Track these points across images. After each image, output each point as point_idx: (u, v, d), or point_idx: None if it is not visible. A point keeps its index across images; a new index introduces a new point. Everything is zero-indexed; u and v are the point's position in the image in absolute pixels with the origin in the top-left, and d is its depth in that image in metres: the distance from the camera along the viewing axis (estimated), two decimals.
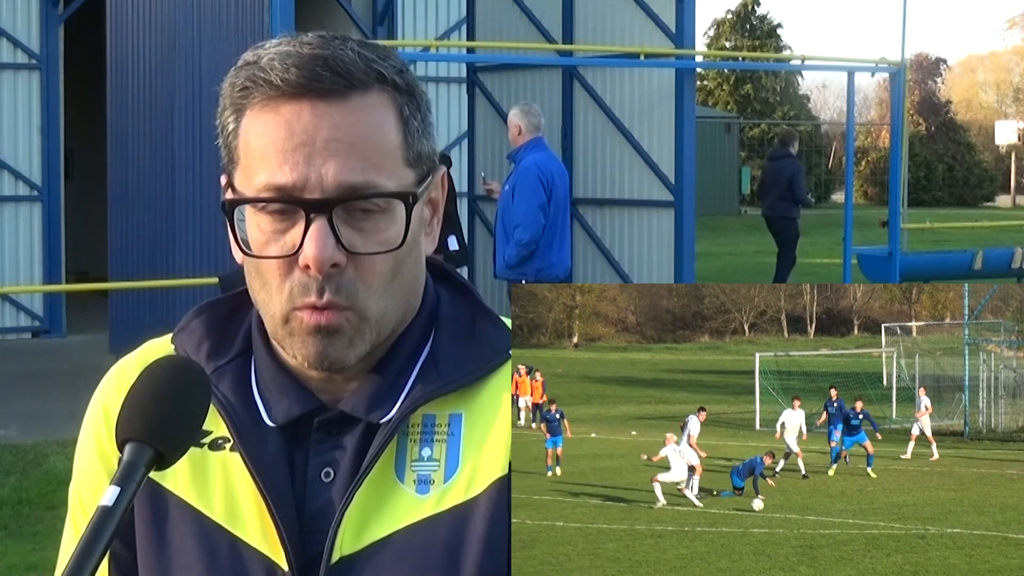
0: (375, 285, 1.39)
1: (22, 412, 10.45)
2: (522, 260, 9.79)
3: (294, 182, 1.35)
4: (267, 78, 1.36)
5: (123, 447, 1.27)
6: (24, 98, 14.41)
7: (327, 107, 1.36)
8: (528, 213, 9.72)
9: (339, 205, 1.35)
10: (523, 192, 9.77)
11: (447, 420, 1.43)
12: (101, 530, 1.21)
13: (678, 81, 12.16)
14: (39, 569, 6.75)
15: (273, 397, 1.46)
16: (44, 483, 8.35)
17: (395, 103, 1.39)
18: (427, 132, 1.43)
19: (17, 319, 14.49)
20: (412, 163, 1.41)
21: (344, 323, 1.38)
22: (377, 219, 1.37)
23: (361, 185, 1.36)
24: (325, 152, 1.35)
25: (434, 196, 1.47)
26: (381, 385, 1.44)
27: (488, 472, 1.41)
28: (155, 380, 1.30)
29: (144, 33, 12.81)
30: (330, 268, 1.36)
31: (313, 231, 1.35)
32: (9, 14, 14.36)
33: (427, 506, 1.41)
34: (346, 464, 1.42)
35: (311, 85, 1.35)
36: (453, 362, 1.44)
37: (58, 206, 14.54)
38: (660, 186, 12.51)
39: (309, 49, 1.36)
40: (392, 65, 1.40)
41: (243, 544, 1.43)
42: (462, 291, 1.52)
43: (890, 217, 12.80)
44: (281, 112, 1.36)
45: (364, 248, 1.37)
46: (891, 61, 12.99)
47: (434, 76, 15.49)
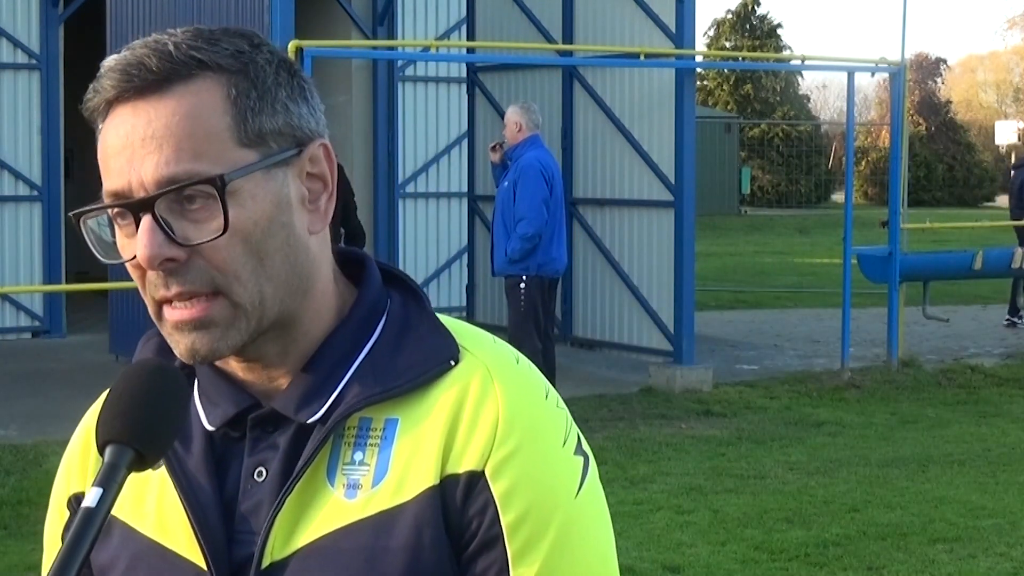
0: (233, 271, 1.36)
1: (22, 412, 10.45)
2: (525, 254, 9.87)
3: (121, 187, 1.36)
4: (98, 87, 1.39)
5: (103, 449, 1.28)
6: (24, 98, 14.41)
7: (146, 104, 1.36)
8: (531, 207, 9.81)
9: (158, 200, 1.34)
10: (526, 187, 9.84)
11: (383, 424, 1.41)
12: (85, 532, 1.22)
13: (678, 81, 12.16)
14: (39, 569, 6.74)
15: (211, 401, 1.46)
16: (44, 483, 8.33)
17: (221, 85, 1.38)
18: (271, 109, 1.39)
19: (17, 319, 14.49)
20: (250, 143, 1.37)
21: (214, 313, 1.37)
22: (208, 206, 1.35)
23: (181, 175, 1.34)
24: (143, 151, 1.35)
25: (314, 171, 1.43)
26: (312, 383, 1.42)
27: (418, 480, 1.38)
28: (133, 383, 1.32)
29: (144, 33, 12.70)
30: (167, 263, 1.35)
31: (140, 231, 1.35)
32: (9, 14, 14.35)
33: (353, 511, 1.38)
34: (277, 464, 1.41)
35: (126, 86, 1.36)
36: (394, 367, 1.42)
37: (58, 206, 14.54)
38: (660, 186, 12.51)
39: (132, 52, 1.38)
40: (224, 48, 1.39)
41: (172, 554, 1.44)
42: (413, 296, 1.50)
43: (890, 217, 12.79)
44: (111, 119, 1.38)
45: (198, 238, 1.35)
46: (891, 61, 12.98)
47: (434, 76, 15.49)
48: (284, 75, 1.42)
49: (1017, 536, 7.49)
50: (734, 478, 8.71)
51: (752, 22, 53.22)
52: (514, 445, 1.38)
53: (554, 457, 1.40)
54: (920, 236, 23.65)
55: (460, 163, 15.28)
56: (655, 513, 7.81)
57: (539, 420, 1.41)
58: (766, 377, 12.49)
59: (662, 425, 10.33)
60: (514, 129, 10.10)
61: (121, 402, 1.30)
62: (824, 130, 54.86)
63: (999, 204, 54.14)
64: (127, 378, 1.32)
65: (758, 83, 51.67)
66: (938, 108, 53.88)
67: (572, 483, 1.41)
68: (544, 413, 1.42)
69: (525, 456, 1.38)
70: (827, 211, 43.74)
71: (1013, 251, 13.87)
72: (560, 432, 1.42)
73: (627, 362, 12.76)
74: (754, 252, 29.32)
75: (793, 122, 50.09)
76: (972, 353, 14.05)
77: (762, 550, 7.18)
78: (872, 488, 8.48)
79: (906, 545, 7.30)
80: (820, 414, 10.88)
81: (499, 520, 1.37)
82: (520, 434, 1.39)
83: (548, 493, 1.39)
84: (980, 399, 11.65)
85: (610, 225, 13.25)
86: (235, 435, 1.45)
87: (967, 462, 9.23)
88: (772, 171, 48.65)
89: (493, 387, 1.41)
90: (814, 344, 14.81)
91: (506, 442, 1.38)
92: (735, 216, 40.87)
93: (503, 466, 1.38)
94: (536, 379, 1.46)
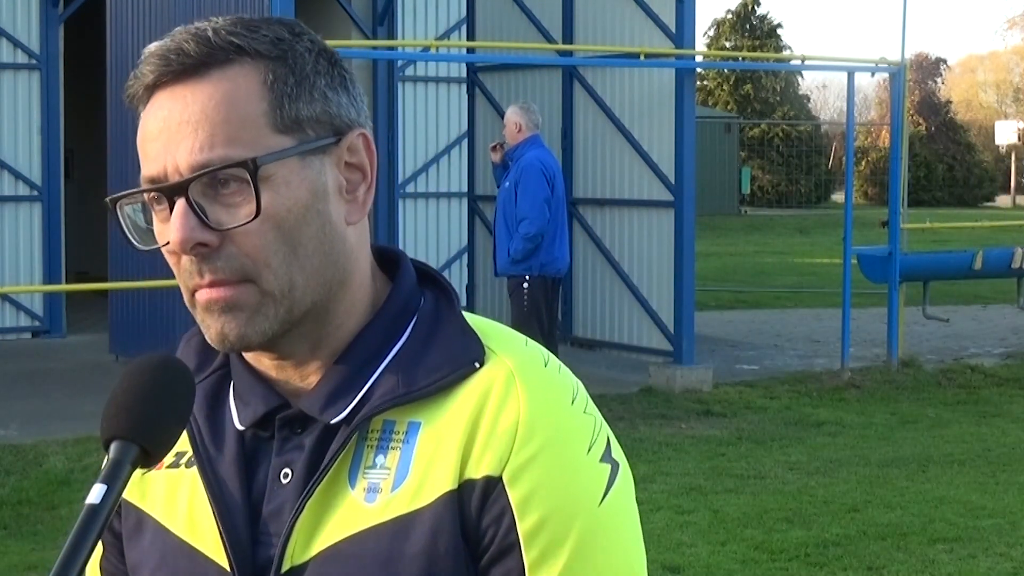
0: (263, 258, 1.35)
1: (22, 412, 10.44)
2: (528, 254, 9.87)
3: (157, 172, 1.37)
4: (137, 74, 1.39)
5: (108, 445, 1.27)
6: (24, 98, 14.40)
7: (183, 88, 1.36)
8: (534, 206, 9.82)
9: (192, 185, 1.34)
10: (527, 186, 9.84)
11: (405, 427, 1.39)
12: (89, 528, 1.22)
13: (678, 81, 12.16)
14: (39, 569, 6.75)
15: (244, 401, 1.45)
16: (44, 483, 8.35)
17: (258, 71, 1.37)
18: (308, 96, 1.39)
19: (17, 319, 14.48)
20: (287, 129, 1.37)
21: (241, 297, 1.36)
22: (242, 191, 1.35)
23: (215, 160, 1.34)
24: (178, 136, 1.35)
25: (353, 161, 1.42)
26: (338, 383, 1.41)
27: (437, 485, 1.35)
28: (139, 378, 1.30)
29: (144, 33, 12.81)
30: (200, 248, 1.35)
31: (174, 215, 1.35)
32: (9, 14, 14.35)
33: (371, 515, 1.36)
34: (302, 465, 1.40)
35: (165, 71, 1.37)
36: (419, 369, 1.39)
37: (58, 206, 14.53)
38: (660, 186, 12.51)
39: (173, 39, 1.38)
40: (264, 35, 1.39)
41: (200, 555, 1.43)
42: (445, 296, 1.48)
43: (890, 217, 12.78)
44: (150, 106, 1.39)
45: (231, 222, 1.35)
46: (891, 61, 12.98)
47: (434, 76, 15.47)
48: (324, 64, 1.41)
49: (1017, 536, 7.49)
50: (734, 478, 8.71)
51: (752, 22, 53.22)
52: (534, 450, 1.35)
53: (577, 463, 1.37)
54: (920, 236, 23.65)
55: (460, 163, 15.27)
56: (655, 513, 7.81)
57: (562, 425, 1.38)
58: (766, 377, 12.49)
59: (662, 425, 10.33)
60: (514, 129, 10.11)
61: (126, 397, 1.29)
62: (824, 130, 54.87)
63: (999, 204, 54.19)
64: (132, 373, 1.31)
65: (758, 83, 51.67)
66: (938, 108, 53.89)
67: (596, 490, 1.37)
68: (568, 417, 1.39)
69: (545, 462, 1.35)
70: (827, 211, 43.74)
71: (1013, 251, 13.87)
72: (585, 438, 1.39)
73: (627, 362, 12.76)
74: (754, 252, 29.32)
75: (793, 122, 50.09)
76: (972, 353, 14.05)
77: (762, 550, 7.18)
78: (872, 488, 8.48)
79: (906, 545, 7.30)
80: (820, 414, 10.88)
81: (516, 527, 1.34)
82: (541, 439, 1.35)
83: (568, 500, 1.35)
84: (980, 399, 11.65)
85: (610, 225, 13.24)
86: (265, 435, 1.44)
87: (967, 462, 9.23)
88: (772, 171, 48.66)
89: (515, 390, 1.37)
90: (814, 344, 14.81)
91: (525, 447, 1.34)
92: (735, 216, 40.87)
93: (521, 472, 1.34)
94: (563, 382, 1.42)
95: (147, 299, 12.40)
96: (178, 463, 1.48)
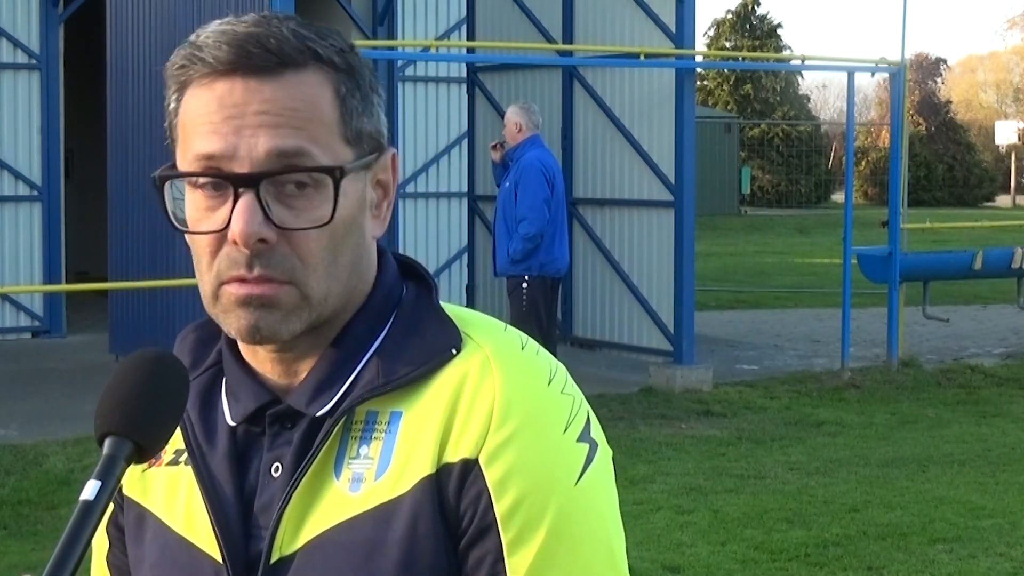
0: (312, 263, 1.37)
1: (22, 412, 10.44)
2: (527, 254, 9.88)
3: (222, 151, 1.35)
4: (201, 56, 1.37)
5: (102, 441, 1.28)
6: (24, 98, 14.40)
7: (259, 83, 1.36)
8: (533, 207, 9.82)
9: (267, 179, 1.35)
10: (527, 187, 9.84)
11: (387, 417, 1.40)
12: (83, 524, 1.23)
13: (678, 81, 12.16)
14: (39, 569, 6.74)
15: (235, 397, 1.46)
16: (44, 483, 8.35)
17: (332, 81, 1.39)
18: (369, 112, 1.42)
19: (17, 319, 14.48)
20: (351, 141, 1.40)
21: (282, 297, 1.37)
22: (310, 195, 1.36)
23: (293, 151, 1.35)
24: (255, 123, 1.35)
25: (383, 178, 1.45)
26: (323, 377, 1.43)
27: (416, 470, 1.37)
28: (132, 373, 1.31)
29: (144, 33, 12.81)
30: (259, 244, 1.35)
31: (240, 205, 1.35)
32: (9, 14, 14.35)
33: (355, 504, 1.38)
34: (290, 459, 1.42)
35: (242, 62, 1.36)
36: (399, 359, 1.41)
37: (58, 206, 14.53)
38: (660, 186, 12.51)
39: (244, 28, 1.37)
40: (332, 44, 1.40)
41: (197, 549, 1.45)
42: (426, 288, 1.50)
43: (890, 217, 12.78)
44: (214, 88, 1.37)
45: (295, 224, 1.36)
46: (891, 61, 12.97)
47: (434, 76, 15.47)
48: (375, 81, 1.45)
49: (1017, 536, 7.49)
50: (734, 478, 8.71)
51: (752, 22, 53.23)
52: (510, 432, 1.35)
53: (553, 443, 1.37)
54: (920, 236, 23.66)
55: (460, 163, 15.26)
56: (655, 513, 7.81)
57: (538, 405, 1.38)
58: (766, 377, 12.48)
59: (662, 425, 10.33)
60: (514, 130, 10.10)
61: (120, 393, 1.29)
62: (824, 130, 54.87)
63: (999, 204, 54.19)
64: (126, 368, 1.32)
65: (758, 83, 51.68)
66: (938, 108, 53.90)
67: (572, 470, 1.38)
68: (545, 398, 1.39)
69: (521, 443, 1.35)
70: (827, 211, 43.74)
71: (1013, 251, 13.87)
72: (562, 418, 1.39)
73: (627, 362, 12.76)
74: (754, 252, 29.31)
75: (793, 122, 50.09)
76: (972, 353, 14.05)
77: (762, 550, 7.18)
78: (872, 488, 8.48)
79: (906, 545, 7.30)
80: (820, 414, 10.88)
81: (492, 508, 1.35)
82: (517, 420, 1.36)
83: (544, 480, 1.36)
84: (980, 399, 11.65)
85: (610, 225, 13.24)
86: (257, 431, 1.45)
87: (967, 462, 9.22)
88: (772, 171, 48.66)
89: (491, 372, 1.38)
90: (814, 344, 14.81)
91: (501, 428, 1.35)
92: (735, 216, 40.87)
93: (497, 453, 1.35)
94: (540, 363, 1.42)
95: (147, 299, 12.40)
96: (178, 460, 1.49)
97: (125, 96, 12.91)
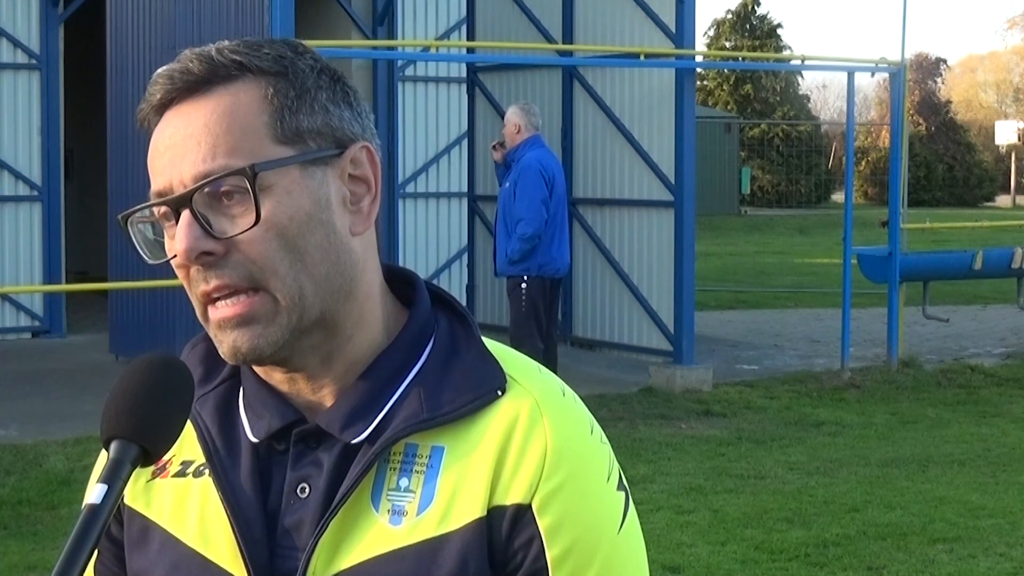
0: (268, 265, 1.38)
1: (22, 412, 10.44)
2: (525, 255, 9.87)
3: (165, 187, 1.40)
4: (146, 97, 1.43)
5: (108, 445, 1.28)
6: (24, 98, 14.40)
7: (188, 106, 1.40)
8: (531, 207, 9.81)
9: (195, 196, 1.37)
10: (525, 187, 9.84)
11: (428, 452, 1.41)
12: (90, 528, 1.23)
13: (678, 81, 12.16)
14: (39, 569, 6.75)
15: (256, 413, 1.46)
16: (44, 483, 8.35)
17: (258, 87, 1.41)
18: (309, 109, 1.42)
19: (17, 319, 14.48)
20: (287, 140, 1.40)
21: (255, 309, 1.38)
22: (241, 201, 1.38)
23: (216, 170, 1.37)
24: (183, 149, 1.39)
25: (357, 173, 1.45)
26: (357, 403, 1.43)
27: (465, 510, 1.39)
28: (138, 377, 1.32)
29: (144, 33, 12.81)
30: (205, 257, 1.37)
31: (179, 225, 1.38)
32: (9, 14, 14.35)
33: (397, 538, 1.39)
34: (322, 482, 1.42)
35: (172, 89, 1.41)
36: (441, 394, 1.42)
37: (58, 206, 14.53)
38: (660, 186, 12.51)
39: (178, 61, 1.42)
40: (265, 53, 1.42)
41: (214, 565, 1.44)
42: (460, 320, 1.50)
43: (890, 217, 12.78)
44: (159, 125, 1.43)
45: (233, 231, 1.37)
46: (891, 61, 12.97)
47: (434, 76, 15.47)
48: (326, 80, 1.45)
49: (1017, 536, 7.49)
50: (734, 478, 8.71)
51: (752, 22, 53.22)
52: (561, 479, 1.39)
53: (599, 492, 1.42)
54: (920, 236, 23.66)
55: (460, 163, 15.26)
56: (655, 513, 7.81)
57: (586, 455, 1.43)
58: (766, 377, 12.49)
59: (662, 425, 10.33)
60: (513, 130, 10.09)
61: (126, 397, 1.30)
62: (824, 130, 54.86)
63: (999, 204, 54.19)
64: (132, 373, 1.32)
65: (758, 83, 51.67)
66: (938, 108, 53.89)
67: (615, 518, 1.43)
68: (590, 448, 1.44)
69: (571, 491, 1.40)
70: (827, 211, 43.74)
71: (1013, 251, 13.87)
72: (604, 467, 1.44)
73: (627, 362, 12.76)
74: (754, 252, 29.31)
75: (793, 122, 50.09)
76: (972, 353, 14.05)
77: (762, 550, 7.18)
78: (872, 488, 8.48)
79: (906, 545, 7.30)
80: (820, 414, 10.88)
81: (544, 554, 1.39)
82: (567, 469, 1.40)
83: (593, 528, 1.41)
84: (980, 399, 11.65)
85: (610, 225, 13.24)
86: (279, 448, 1.45)
87: (967, 462, 9.23)
88: (772, 171, 48.66)
89: (542, 420, 1.41)
90: (814, 344, 14.81)
91: (553, 476, 1.39)
92: (735, 216, 40.87)
93: (550, 500, 1.39)
94: (582, 413, 1.47)
95: (147, 299, 12.40)
96: (185, 472, 1.49)
97: (125, 96, 12.91)
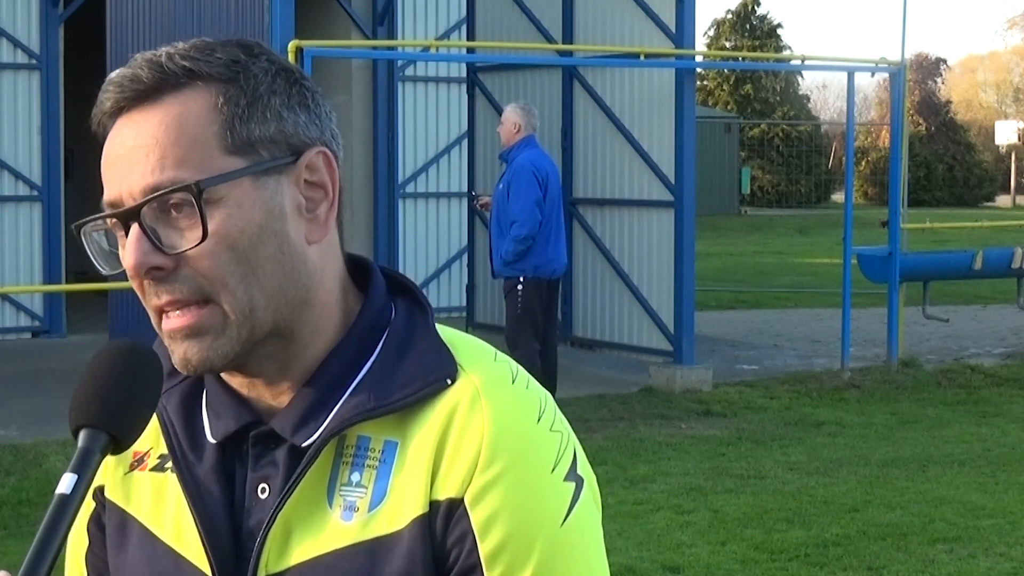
0: (218, 279, 1.35)
1: (22, 412, 10.44)
2: (519, 256, 9.83)
3: (115, 198, 1.37)
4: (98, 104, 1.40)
5: (77, 434, 1.28)
6: (24, 98, 14.41)
7: (137, 115, 1.37)
8: (524, 208, 9.77)
9: (144, 210, 1.35)
10: (519, 188, 9.80)
11: (381, 446, 1.38)
12: (59, 518, 1.24)
13: (678, 81, 12.16)
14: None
15: (216, 414, 1.45)
16: (44, 483, 8.35)
17: (210, 94, 1.37)
18: (261, 117, 1.38)
19: (17, 319, 14.49)
20: (238, 150, 1.36)
21: (204, 321, 1.36)
22: (189, 214, 1.35)
23: (165, 183, 1.34)
24: (131, 161, 1.36)
25: (314, 180, 1.41)
26: (309, 403, 1.41)
27: (410, 507, 1.36)
28: (107, 365, 1.31)
29: (144, 33, 12.81)
30: (154, 271, 1.35)
31: (128, 240, 1.35)
32: (9, 14, 14.35)
33: (348, 534, 1.37)
34: (278, 481, 1.40)
35: (120, 98, 1.38)
36: (391, 384, 1.38)
37: (58, 206, 14.54)
38: (660, 186, 12.50)
39: (128, 67, 1.39)
40: (217, 58, 1.38)
41: (186, 562, 1.43)
42: (419, 308, 1.46)
43: (890, 217, 12.78)
44: (110, 133, 1.40)
45: (182, 246, 1.35)
46: (891, 61, 12.97)
47: (434, 76, 15.49)
48: (281, 83, 1.40)
49: (1017, 536, 7.49)
50: (734, 478, 8.71)
51: (752, 22, 53.21)
52: (497, 471, 1.34)
53: (540, 483, 1.36)
54: (920, 236, 23.65)
55: (460, 163, 15.28)
56: (655, 513, 7.81)
57: (528, 444, 1.36)
58: (766, 377, 12.48)
59: (662, 425, 10.33)
60: (511, 129, 10.03)
61: (95, 385, 1.29)
62: (824, 130, 54.86)
63: (999, 204, 54.19)
64: (100, 360, 1.31)
65: (758, 83, 51.67)
66: (938, 108, 53.89)
67: (559, 511, 1.36)
68: (533, 436, 1.37)
69: (507, 483, 1.34)
70: (827, 211, 43.73)
71: (1013, 251, 13.87)
72: (550, 457, 1.37)
73: (627, 362, 12.75)
74: (754, 252, 29.31)
75: (793, 122, 50.09)
76: (972, 353, 14.05)
77: (762, 550, 7.18)
78: (872, 488, 8.48)
79: (906, 545, 7.30)
80: (820, 414, 10.88)
81: (477, 549, 1.34)
82: (506, 459, 1.35)
83: (530, 522, 1.35)
84: (980, 399, 11.65)
85: (610, 225, 13.24)
86: (239, 448, 1.44)
87: (967, 462, 9.22)
88: (772, 171, 48.66)
89: (480, 407, 1.36)
90: (814, 344, 14.81)
91: (489, 468, 1.34)
92: (735, 216, 40.87)
93: (483, 493, 1.34)
94: (530, 398, 1.40)
95: None
96: (163, 466, 1.48)
97: None
